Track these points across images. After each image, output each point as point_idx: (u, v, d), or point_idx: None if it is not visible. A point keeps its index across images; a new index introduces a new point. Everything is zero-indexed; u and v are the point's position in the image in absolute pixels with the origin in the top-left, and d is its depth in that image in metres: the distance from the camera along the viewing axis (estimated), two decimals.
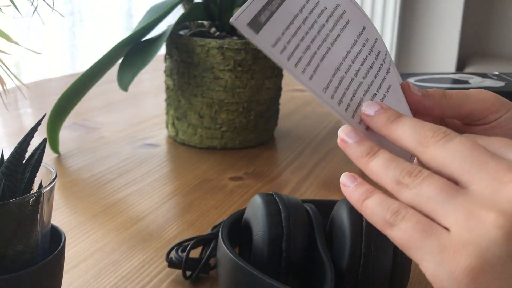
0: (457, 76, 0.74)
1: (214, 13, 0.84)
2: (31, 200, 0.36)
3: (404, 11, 2.63)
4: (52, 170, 0.39)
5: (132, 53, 0.78)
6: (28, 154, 0.38)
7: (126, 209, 0.64)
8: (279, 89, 0.86)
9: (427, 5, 2.63)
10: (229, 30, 0.84)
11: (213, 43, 0.76)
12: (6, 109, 0.76)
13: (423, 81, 0.72)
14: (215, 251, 0.49)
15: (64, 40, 1.73)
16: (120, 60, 0.79)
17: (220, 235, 0.47)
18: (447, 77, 0.76)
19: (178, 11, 0.84)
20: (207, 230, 0.57)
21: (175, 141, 0.84)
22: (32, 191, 0.38)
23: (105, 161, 0.77)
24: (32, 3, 0.60)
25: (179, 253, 0.51)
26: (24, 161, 0.38)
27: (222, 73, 0.77)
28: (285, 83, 0.90)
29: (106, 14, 1.85)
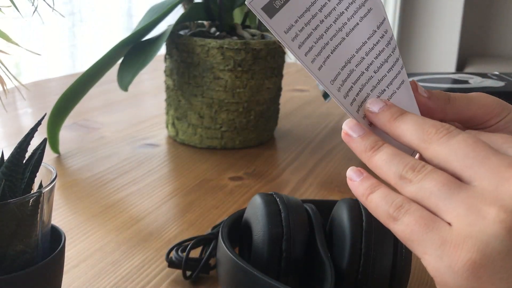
0: (457, 76, 0.74)
1: (214, 13, 0.84)
2: (31, 200, 0.36)
3: (404, 11, 2.63)
4: (52, 170, 0.39)
5: (132, 53, 0.78)
6: (28, 154, 0.38)
7: (126, 209, 0.64)
8: (279, 89, 0.86)
9: (427, 5, 2.63)
10: (229, 30, 0.84)
11: (213, 43, 0.76)
12: (5, 109, 0.76)
13: (423, 81, 0.72)
14: (215, 251, 0.49)
15: (64, 40, 1.73)
16: (120, 60, 0.79)
17: (220, 235, 0.47)
18: (447, 77, 0.76)
19: (178, 11, 0.84)
20: (207, 230, 0.57)
21: (175, 141, 0.84)
22: (32, 191, 0.38)
23: (105, 161, 0.77)
24: (32, 3, 0.60)
25: (179, 253, 0.51)
26: (24, 161, 0.38)
27: (222, 73, 0.77)
28: (285, 83, 0.89)
29: (106, 14, 1.85)
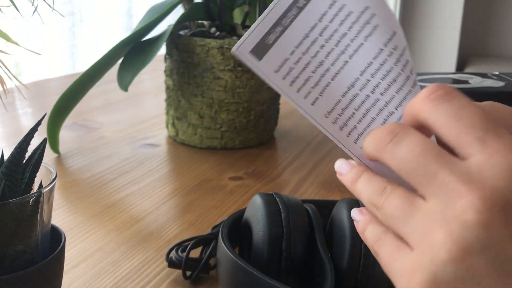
0: (457, 76, 0.74)
1: (214, 13, 0.84)
2: (31, 200, 0.36)
3: (404, 11, 2.63)
4: (52, 170, 0.39)
5: (132, 53, 0.78)
6: (28, 154, 0.38)
7: (126, 209, 0.64)
8: None
9: (427, 5, 2.63)
10: (229, 30, 0.84)
11: (213, 43, 0.76)
12: (5, 109, 0.76)
13: (423, 81, 0.72)
14: (215, 251, 0.49)
15: (64, 40, 1.73)
16: (120, 60, 0.79)
17: (220, 235, 0.47)
18: (447, 77, 0.76)
19: (178, 11, 0.84)
20: (207, 230, 0.57)
21: (175, 141, 0.84)
22: (32, 191, 0.38)
23: (105, 161, 0.77)
24: (32, 3, 0.60)
25: (179, 253, 0.51)
26: (24, 161, 0.38)
27: (222, 73, 0.77)
28: None
29: (106, 14, 1.85)
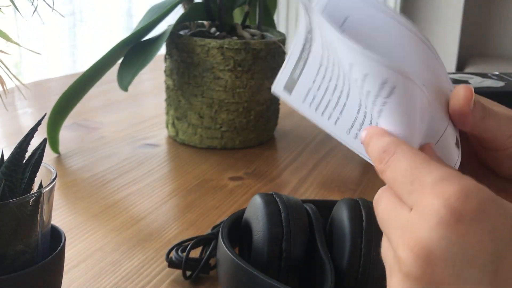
0: (457, 76, 0.74)
1: (214, 13, 0.84)
2: (31, 200, 0.36)
3: (404, 11, 2.63)
4: (52, 170, 0.39)
5: (132, 53, 0.78)
6: (28, 154, 0.38)
7: (126, 209, 0.64)
8: None
9: (427, 5, 2.63)
10: (229, 30, 0.84)
11: (213, 43, 0.76)
12: (5, 109, 0.76)
13: None
14: (215, 251, 0.49)
15: (64, 40, 1.73)
16: (120, 60, 0.79)
17: (220, 235, 0.47)
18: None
19: (178, 11, 0.84)
20: (207, 230, 0.57)
21: (175, 141, 0.84)
22: (32, 191, 0.38)
23: (105, 161, 0.77)
24: (32, 3, 0.60)
25: (179, 253, 0.51)
26: (24, 161, 0.38)
27: (222, 73, 0.77)
28: None
29: (106, 14, 1.85)
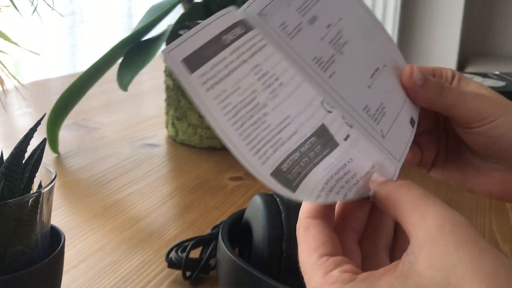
0: None
1: (214, 13, 0.84)
2: (30, 200, 0.36)
3: (404, 11, 2.63)
4: (52, 170, 0.39)
5: (132, 53, 0.78)
6: (27, 154, 0.38)
7: (126, 209, 0.64)
8: None
9: (427, 5, 2.63)
10: None
11: None
12: (4, 109, 0.76)
13: None
14: (215, 251, 0.49)
15: (64, 40, 1.73)
16: (120, 60, 0.79)
17: (220, 235, 0.47)
18: None
19: (178, 11, 0.84)
20: (207, 230, 0.57)
21: (175, 141, 0.84)
22: (32, 191, 0.38)
23: (105, 161, 0.77)
24: (32, 3, 0.60)
25: (179, 253, 0.51)
26: (24, 161, 0.37)
27: None
28: None
29: (106, 14, 1.85)
